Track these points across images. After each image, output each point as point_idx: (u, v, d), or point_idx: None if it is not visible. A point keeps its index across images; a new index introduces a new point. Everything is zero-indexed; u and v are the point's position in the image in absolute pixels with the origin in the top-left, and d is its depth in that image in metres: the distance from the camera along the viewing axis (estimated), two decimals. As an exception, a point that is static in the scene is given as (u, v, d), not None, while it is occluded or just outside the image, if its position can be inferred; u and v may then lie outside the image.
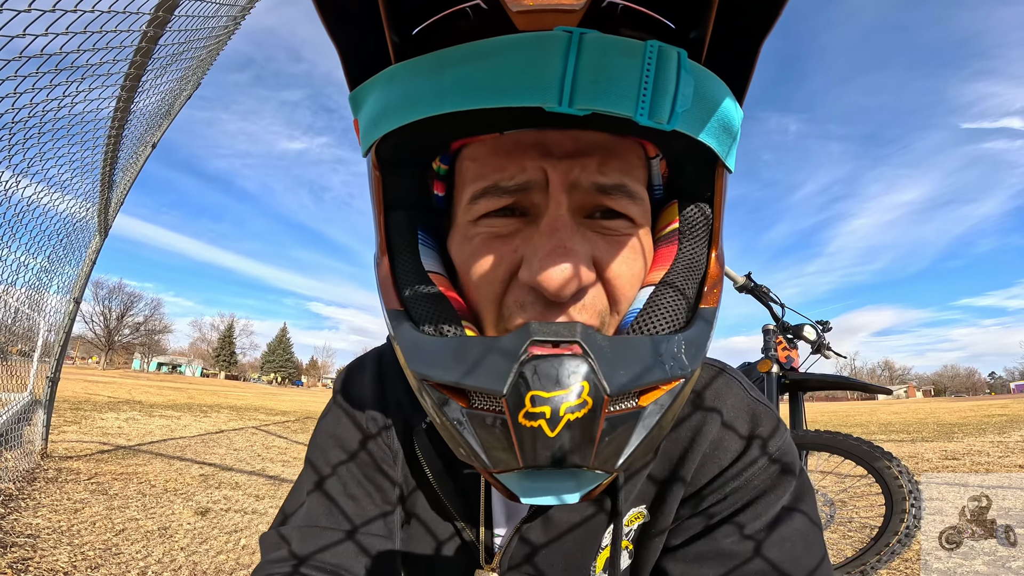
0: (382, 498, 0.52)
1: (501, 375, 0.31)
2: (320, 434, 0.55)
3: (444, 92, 0.31)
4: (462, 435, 0.34)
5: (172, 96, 3.22)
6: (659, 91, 0.29)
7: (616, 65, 0.28)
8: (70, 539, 2.18)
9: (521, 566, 0.50)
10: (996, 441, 6.70)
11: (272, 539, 0.50)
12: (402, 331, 0.37)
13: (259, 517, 2.84)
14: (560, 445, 0.31)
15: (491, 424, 0.32)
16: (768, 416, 0.50)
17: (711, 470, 0.48)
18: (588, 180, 0.37)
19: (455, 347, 0.34)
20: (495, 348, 0.32)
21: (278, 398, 21.67)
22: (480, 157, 0.39)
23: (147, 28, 1.60)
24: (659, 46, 0.29)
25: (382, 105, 0.35)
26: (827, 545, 0.48)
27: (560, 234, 0.35)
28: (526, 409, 0.30)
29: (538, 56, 0.29)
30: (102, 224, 3.84)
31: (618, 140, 0.38)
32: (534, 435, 0.30)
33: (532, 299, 0.36)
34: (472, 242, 0.39)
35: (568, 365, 0.31)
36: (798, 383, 2.26)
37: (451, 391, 0.35)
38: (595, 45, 0.28)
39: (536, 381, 0.30)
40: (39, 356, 3.82)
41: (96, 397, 10.24)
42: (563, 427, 0.30)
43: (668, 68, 0.29)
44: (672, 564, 0.48)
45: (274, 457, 5.01)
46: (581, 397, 0.30)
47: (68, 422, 5.88)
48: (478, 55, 0.30)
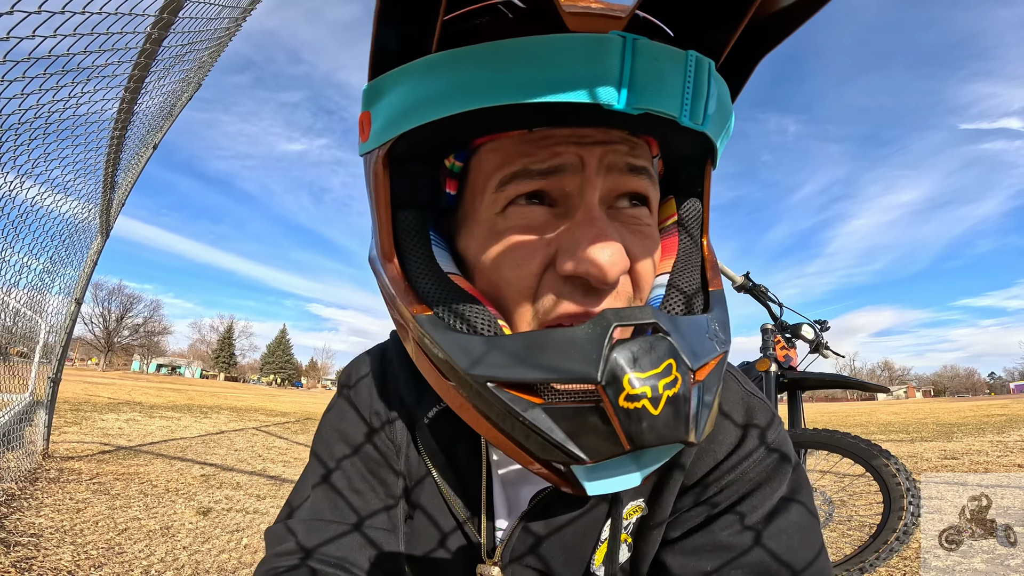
0: (385, 492, 0.52)
1: (591, 363, 0.31)
2: (324, 428, 0.56)
3: (501, 84, 0.31)
4: (545, 432, 0.32)
5: (174, 97, 3.23)
6: (697, 95, 0.32)
7: (665, 69, 0.31)
8: (73, 538, 2.18)
9: (522, 559, 0.50)
10: (995, 441, 6.71)
11: (277, 532, 0.50)
12: (443, 335, 0.36)
13: (261, 516, 2.85)
14: (665, 422, 0.31)
15: (582, 414, 0.32)
16: (763, 409, 0.51)
17: (707, 463, 0.49)
18: (622, 161, 0.38)
19: (522, 343, 0.34)
20: (573, 338, 0.32)
21: (278, 399, 21.65)
22: (505, 148, 0.39)
23: (151, 30, 1.62)
24: (696, 55, 0.32)
25: (420, 95, 0.34)
26: (826, 543, 0.48)
27: (599, 223, 0.36)
28: (627, 392, 0.30)
29: (600, 56, 0.30)
30: (104, 225, 3.86)
31: (634, 138, 0.40)
32: (639, 416, 0.31)
33: (569, 289, 0.37)
34: (500, 237, 0.39)
35: (657, 345, 0.32)
36: (796, 382, 2.28)
37: (519, 388, 0.34)
38: (647, 50, 0.31)
39: (632, 363, 0.31)
40: (39, 357, 3.83)
41: (96, 398, 10.24)
42: (665, 404, 0.31)
43: (703, 75, 0.32)
44: (671, 557, 0.48)
45: (275, 457, 5.01)
46: (672, 374, 0.32)
47: (69, 423, 5.88)
48: (538, 49, 0.31)
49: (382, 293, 0.44)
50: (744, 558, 0.44)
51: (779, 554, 0.43)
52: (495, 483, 0.52)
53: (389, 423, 0.54)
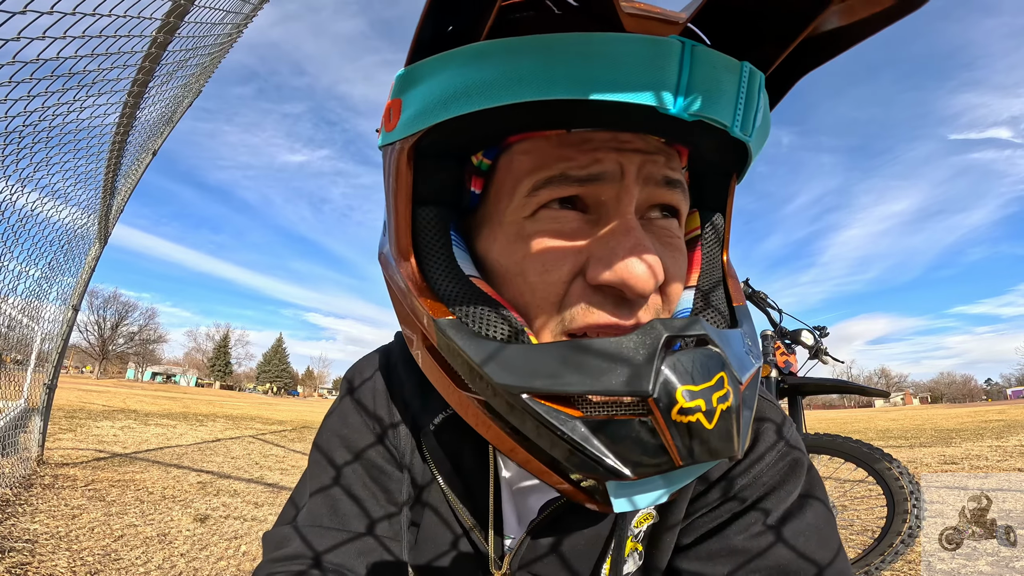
0: (387, 499, 0.51)
1: (642, 375, 0.29)
2: (326, 433, 0.55)
3: (555, 78, 0.30)
4: (583, 446, 0.31)
5: (175, 103, 3.25)
6: (748, 106, 0.32)
7: (722, 78, 0.31)
8: (68, 544, 2.15)
9: (530, 568, 0.49)
10: (994, 446, 6.70)
11: (275, 537, 0.49)
12: (469, 341, 0.34)
13: (259, 524, 2.82)
14: (719, 436, 0.30)
15: (628, 428, 0.30)
16: (775, 411, 0.51)
17: (720, 467, 0.48)
18: (660, 173, 0.37)
19: (563, 352, 0.31)
20: (620, 349, 0.31)
21: (274, 408, 21.47)
22: (540, 150, 0.37)
23: (157, 34, 1.63)
24: (751, 67, 0.32)
25: (464, 83, 0.32)
26: None
27: (636, 233, 0.35)
28: (680, 405, 0.29)
29: (658, 58, 0.29)
30: (102, 231, 3.85)
31: (668, 147, 0.39)
32: (692, 431, 0.29)
33: (600, 299, 0.35)
34: (529, 241, 0.37)
35: (712, 357, 0.31)
36: (796, 387, 2.28)
37: (555, 400, 0.32)
38: (705, 57, 0.30)
39: (685, 376, 0.30)
40: (34, 364, 3.80)
41: (91, 406, 10.12)
42: (719, 418, 0.30)
43: (755, 87, 0.32)
44: (684, 563, 0.47)
45: (272, 465, 4.96)
46: (724, 387, 0.30)
47: (63, 430, 5.81)
48: (597, 46, 0.30)
49: (390, 291, 0.43)
50: (760, 562, 0.43)
51: (794, 558, 0.42)
52: (503, 491, 0.51)
53: (393, 429, 0.53)
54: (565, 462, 0.32)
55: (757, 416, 0.50)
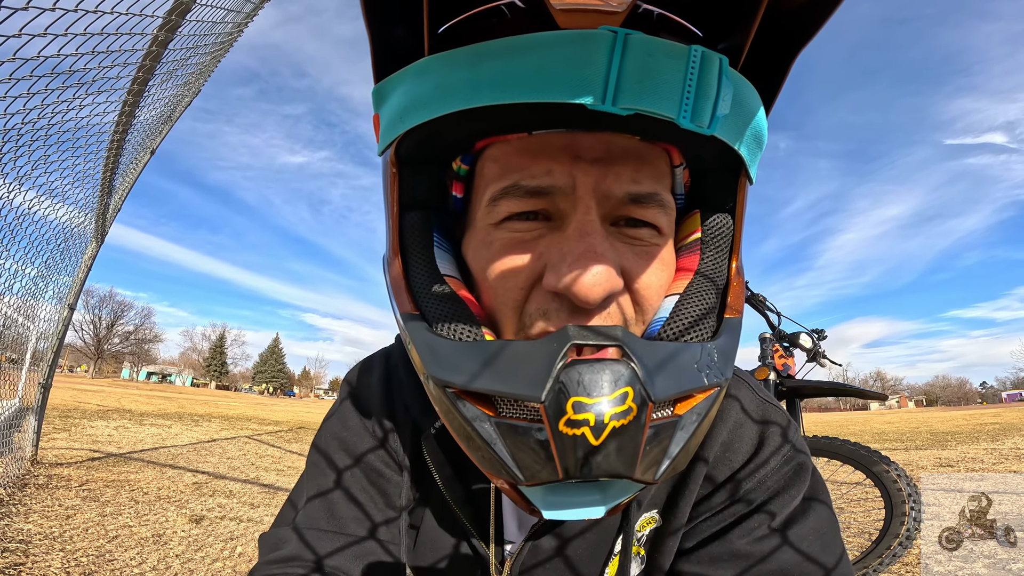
0: (385, 503, 0.51)
1: (539, 381, 0.29)
2: (325, 436, 0.54)
3: (480, 85, 0.30)
4: (489, 446, 0.31)
5: (174, 102, 3.24)
6: (701, 95, 0.29)
7: (661, 66, 0.28)
8: (62, 545, 2.13)
9: (531, 573, 0.49)
10: (989, 448, 6.74)
11: (271, 539, 0.49)
12: (418, 335, 0.35)
13: (255, 525, 2.80)
14: (605, 454, 0.29)
15: (524, 433, 0.30)
16: (779, 415, 0.50)
17: (724, 471, 0.48)
18: (622, 190, 0.36)
19: (483, 352, 0.32)
20: (530, 352, 0.31)
21: (270, 408, 21.39)
22: (503, 157, 0.37)
23: (159, 32, 1.62)
24: (702, 51, 0.29)
25: (411, 98, 0.33)
26: None
27: (590, 239, 0.34)
28: (568, 416, 0.28)
29: (582, 53, 0.28)
30: (99, 230, 3.83)
31: (648, 147, 0.37)
32: (576, 444, 0.29)
33: (556, 306, 0.35)
34: (492, 246, 0.37)
35: (612, 370, 0.29)
36: (795, 390, 2.28)
37: (475, 398, 0.32)
38: (640, 45, 0.28)
39: (578, 387, 0.29)
40: (28, 363, 3.77)
41: (85, 405, 10.06)
42: (608, 435, 0.28)
43: (710, 73, 0.29)
44: (686, 567, 0.47)
45: (268, 466, 4.94)
46: (626, 403, 0.29)
47: (57, 429, 5.77)
48: (519, 49, 0.29)
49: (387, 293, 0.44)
50: (763, 566, 0.43)
51: (797, 562, 0.42)
52: (504, 496, 0.50)
53: (393, 432, 0.52)
54: (477, 461, 0.33)
55: (762, 420, 0.49)
